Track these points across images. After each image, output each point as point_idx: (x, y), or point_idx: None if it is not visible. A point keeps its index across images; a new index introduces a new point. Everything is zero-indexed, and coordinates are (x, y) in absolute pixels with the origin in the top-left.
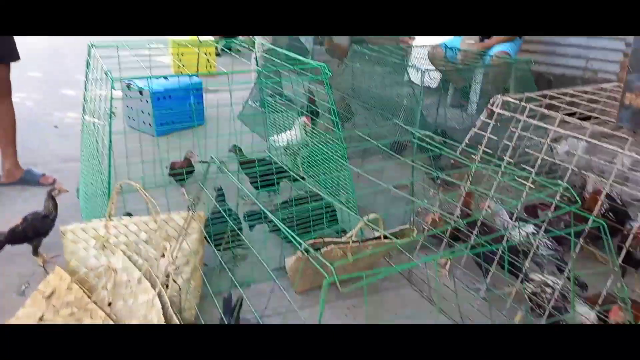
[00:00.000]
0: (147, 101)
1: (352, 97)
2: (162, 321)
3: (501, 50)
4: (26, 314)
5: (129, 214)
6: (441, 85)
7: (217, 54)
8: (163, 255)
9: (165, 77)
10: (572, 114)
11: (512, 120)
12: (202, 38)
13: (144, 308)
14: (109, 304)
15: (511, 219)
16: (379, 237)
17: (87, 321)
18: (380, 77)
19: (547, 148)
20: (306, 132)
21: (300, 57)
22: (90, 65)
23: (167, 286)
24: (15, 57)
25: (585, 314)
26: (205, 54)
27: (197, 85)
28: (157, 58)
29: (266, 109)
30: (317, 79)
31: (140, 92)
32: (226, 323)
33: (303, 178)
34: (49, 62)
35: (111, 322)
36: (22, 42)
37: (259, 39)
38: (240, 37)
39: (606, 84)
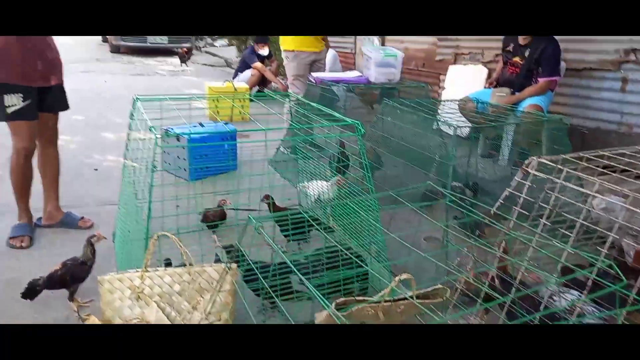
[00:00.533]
0: (183, 147)
1: (382, 146)
2: None
3: (532, 104)
4: None
5: (169, 262)
6: (472, 134)
7: (251, 100)
8: (195, 308)
9: (202, 124)
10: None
11: (547, 181)
12: (237, 85)
13: None
14: None
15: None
16: (411, 296)
17: None
18: (411, 127)
19: (585, 211)
20: (338, 189)
21: (335, 113)
22: (135, 117)
23: None
24: (65, 107)
25: None
26: (240, 102)
27: (232, 132)
28: (194, 104)
29: (297, 157)
30: (351, 135)
31: (178, 139)
32: None
33: (333, 230)
34: (91, 106)
35: None
36: (70, 88)
37: (291, 90)
38: (274, 85)
39: None
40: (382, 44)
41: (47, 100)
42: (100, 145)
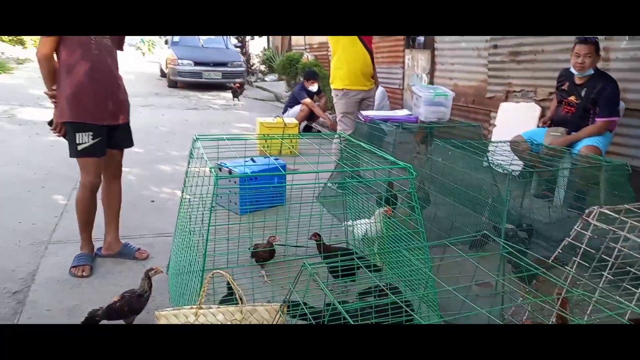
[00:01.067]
0: (235, 182)
1: (431, 184)
2: None
3: (589, 145)
4: None
5: (230, 287)
6: (525, 174)
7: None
8: None
9: (253, 160)
10: None
11: (609, 231)
12: (287, 120)
13: None
14: None
15: None
16: None
17: None
18: (461, 168)
19: None
20: (385, 220)
21: (387, 155)
22: (194, 155)
23: None
24: (130, 144)
25: None
26: (289, 136)
27: (282, 172)
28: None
29: (345, 193)
30: (402, 178)
31: (230, 173)
32: None
33: (380, 269)
34: (149, 139)
35: None
36: (131, 121)
37: (340, 127)
38: (322, 120)
39: None
40: (431, 81)
41: (114, 137)
42: (156, 178)
